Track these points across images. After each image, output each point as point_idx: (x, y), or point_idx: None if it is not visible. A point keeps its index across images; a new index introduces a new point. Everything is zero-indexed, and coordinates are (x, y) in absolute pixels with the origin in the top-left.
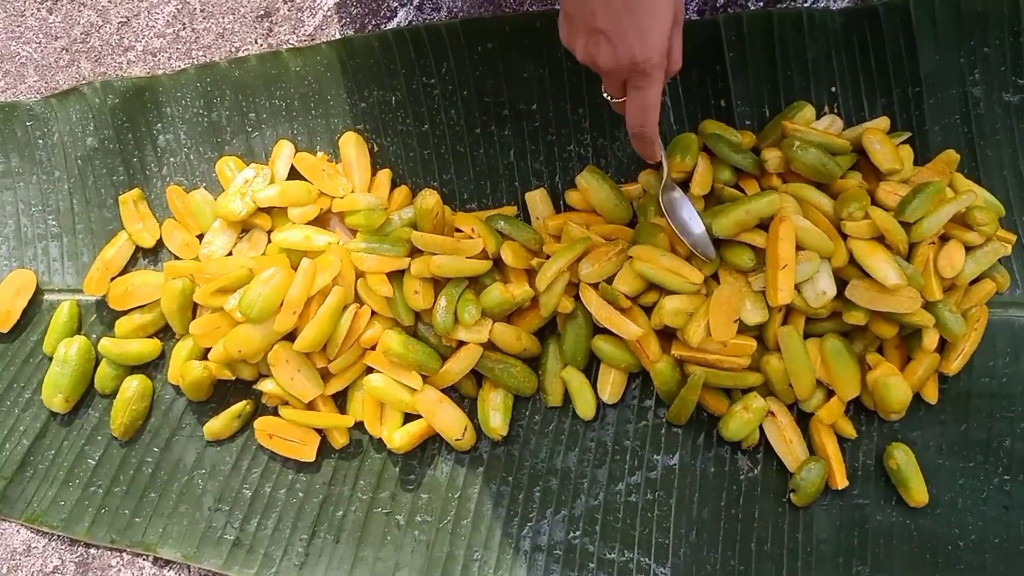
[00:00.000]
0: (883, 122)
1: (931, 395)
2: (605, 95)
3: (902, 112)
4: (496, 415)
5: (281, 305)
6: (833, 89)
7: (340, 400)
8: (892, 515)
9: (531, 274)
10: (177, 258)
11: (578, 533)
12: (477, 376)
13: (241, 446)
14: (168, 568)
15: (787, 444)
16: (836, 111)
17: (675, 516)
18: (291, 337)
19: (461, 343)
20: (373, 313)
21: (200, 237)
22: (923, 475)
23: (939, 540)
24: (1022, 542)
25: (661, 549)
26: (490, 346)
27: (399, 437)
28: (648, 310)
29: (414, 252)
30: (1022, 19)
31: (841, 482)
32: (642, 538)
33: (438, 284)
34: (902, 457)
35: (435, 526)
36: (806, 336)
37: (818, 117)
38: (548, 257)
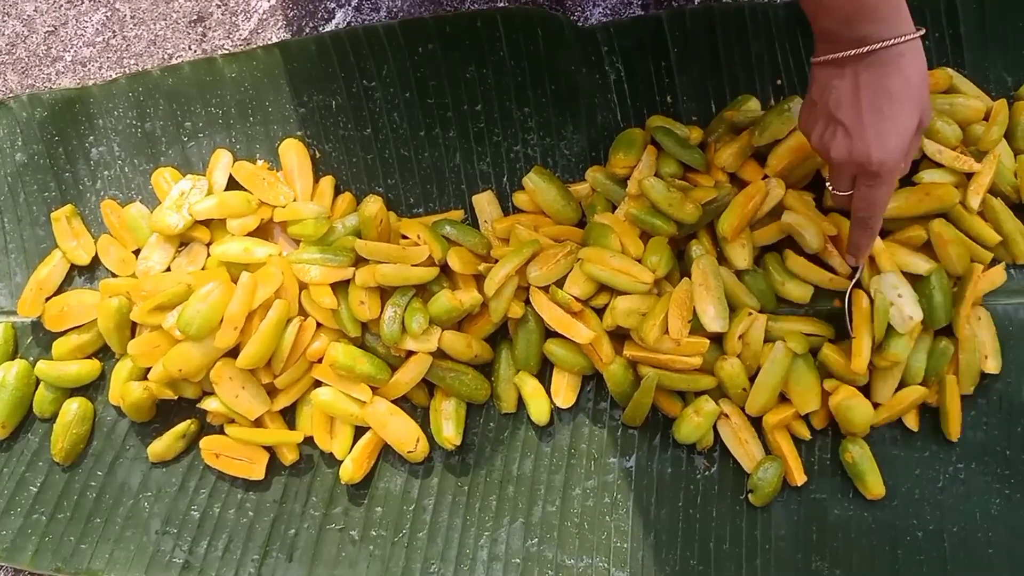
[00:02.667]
0: None
1: (913, 423)
2: (828, 186)
3: None
4: (449, 424)
5: (221, 321)
6: (779, 82)
7: (288, 415)
8: (849, 509)
9: (480, 279)
10: (114, 275)
11: (536, 540)
12: (428, 385)
13: (187, 467)
14: None
15: (743, 445)
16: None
17: (633, 519)
18: (234, 353)
19: (410, 353)
20: (318, 325)
21: (137, 252)
22: (879, 467)
23: (898, 531)
24: (979, 530)
25: (619, 553)
26: (440, 354)
27: (350, 466)
28: (599, 312)
29: (359, 261)
30: (958, 11)
31: (799, 478)
32: (600, 543)
33: (384, 293)
34: (857, 451)
35: (390, 540)
36: (765, 340)
37: (763, 110)
38: (496, 261)
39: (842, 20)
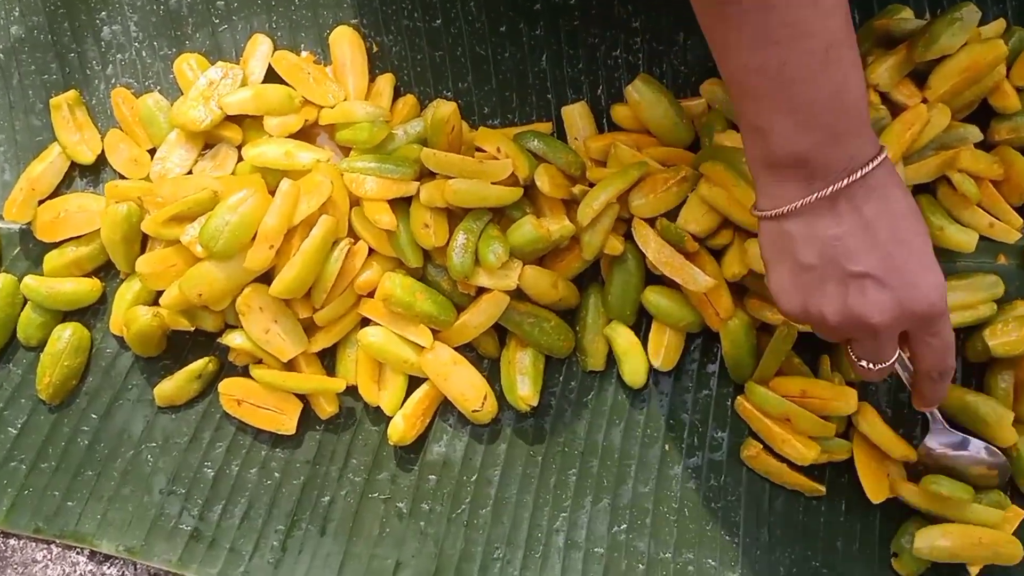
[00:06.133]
0: (999, 25)
1: None
2: (863, 363)
3: (1017, 17)
4: (524, 381)
5: (254, 238)
6: None
7: (327, 359)
8: None
9: (570, 206)
10: (123, 177)
11: (624, 527)
12: (499, 332)
13: (201, 414)
14: (109, 564)
15: None
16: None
17: (745, 508)
18: (266, 279)
19: (482, 290)
20: (371, 251)
21: (152, 152)
22: None
23: None
24: None
25: (728, 549)
26: (517, 295)
27: (401, 424)
28: (716, 255)
29: (424, 175)
30: None
31: None
32: (704, 535)
33: (453, 216)
34: None
35: (446, 516)
36: None
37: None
38: (592, 185)
39: (829, 137)
